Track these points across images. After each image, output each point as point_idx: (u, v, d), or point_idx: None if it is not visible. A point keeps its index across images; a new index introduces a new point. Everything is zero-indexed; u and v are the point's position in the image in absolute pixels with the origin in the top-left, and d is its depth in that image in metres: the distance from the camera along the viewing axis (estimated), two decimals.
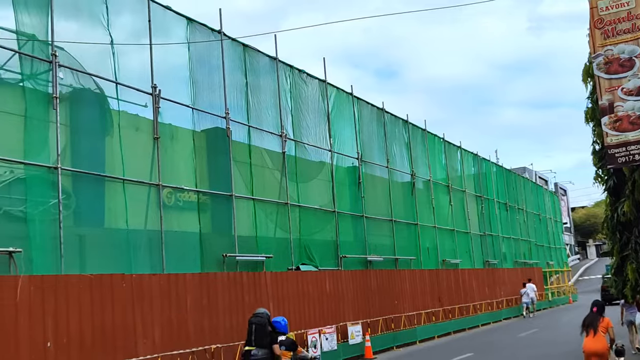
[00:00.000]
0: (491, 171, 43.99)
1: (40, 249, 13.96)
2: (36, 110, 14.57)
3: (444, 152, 36.69)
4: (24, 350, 12.08)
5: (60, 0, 15.13)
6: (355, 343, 22.23)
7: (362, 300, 24.28)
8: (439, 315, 29.49)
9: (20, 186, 14.19)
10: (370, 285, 25.17)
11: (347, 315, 22.90)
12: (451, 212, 35.82)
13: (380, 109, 29.99)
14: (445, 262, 33.77)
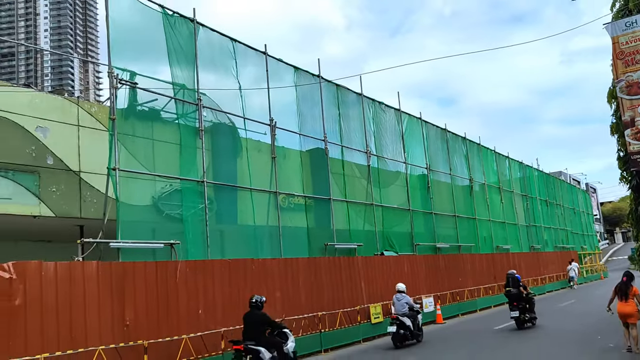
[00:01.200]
0: (534, 175, 42.57)
1: (193, 241, 14.34)
2: (187, 140, 15.07)
3: (495, 161, 35.71)
4: (183, 315, 12.58)
5: (202, 58, 15.63)
6: (429, 311, 21.92)
7: (433, 277, 23.92)
8: (494, 289, 28.65)
9: (177, 195, 14.64)
10: (439, 266, 24.77)
11: (421, 289, 22.62)
12: (502, 208, 34.76)
13: (443, 129, 29.54)
14: (499, 247, 32.80)
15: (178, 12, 15.11)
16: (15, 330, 9.46)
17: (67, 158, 14.49)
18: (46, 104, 14.51)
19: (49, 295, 10.09)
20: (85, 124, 15.14)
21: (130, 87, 13.73)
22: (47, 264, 10.22)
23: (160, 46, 14.72)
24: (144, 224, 13.64)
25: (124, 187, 12.92)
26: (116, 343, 10.92)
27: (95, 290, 10.90)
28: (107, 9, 13.23)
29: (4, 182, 13.12)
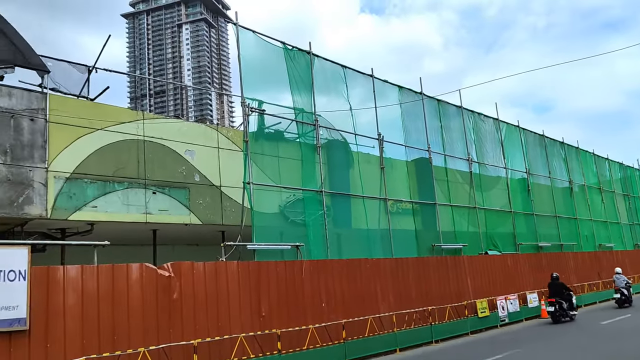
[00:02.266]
0: (635, 175, 38.80)
1: (314, 243, 14.67)
2: (307, 155, 15.49)
3: (594, 163, 33.00)
4: (309, 308, 12.87)
5: (317, 84, 16.01)
6: (533, 306, 20.71)
7: (537, 275, 22.52)
8: (598, 286, 26.44)
9: (300, 204, 15.09)
10: (542, 264, 23.29)
11: (525, 286, 21.41)
12: (603, 207, 32.02)
13: (541, 135, 27.87)
14: (601, 246, 30.25)
15: (296, 46, 15.68)
16: (175, 319, 10.18)
17: (210, 175, 15.41)
18: (192, 131, 15.54)
19: (200, 290, 10.75)
20: (223, 146, 16.01)
21: (259, 113, 14.42)
22: (197, 264, 10.91)
23: (282, 76, 15.34)
24: (273, 229, 14.18)
25: (257, 198, 13.55)
26: (254, 331, 11.40)
27: (236, 286, 11.46)
28: (239, 48, 14.02)
29: (162, 197, 14.21)
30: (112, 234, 13.85)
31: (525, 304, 20.43)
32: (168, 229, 15.18)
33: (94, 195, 12.91)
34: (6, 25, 12.05)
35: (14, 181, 11.64)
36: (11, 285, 8.27)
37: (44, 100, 12.51)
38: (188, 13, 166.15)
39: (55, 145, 12.45)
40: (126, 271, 9.76)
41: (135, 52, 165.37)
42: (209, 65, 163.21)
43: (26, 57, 12.28)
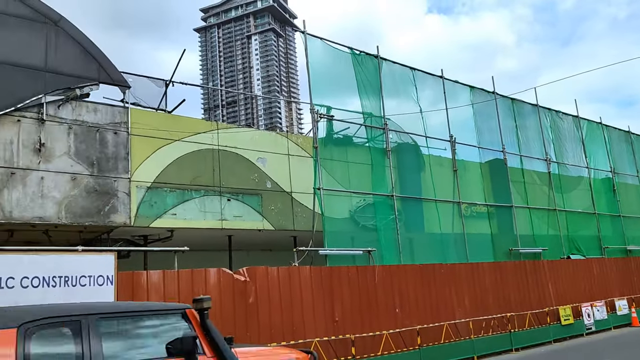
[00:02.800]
0: None
1: (386, 248, 14.58)
2: (377, 159, 15.46)
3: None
4: (382, 313, 12.78)
5: (386, 87, 15.97)
6: (623, 314, 19.39)
7: (626, 280, 21.13)
8: None
9: (370, 208, 15.07)
10: (631, 269, 21.80)
11: (612, 292, 20.12)
12: None
13: (627, 132, 26.14)
14: None
15: (364, 51, 15.71)
16: (251, 323, 10.43)
17: (281, 182, 15.70)
18: (263, 139, 15.92)
19: (274, 294, 10.96)
20: (293, 152, 16.27)
21: (327, 119, 14.53)
22: (271, 268, 11.13)
23: (350, 81, 15.40)
24: (344, 234, 14.24)
25: (327, 203, 13.65)
26: (328, 336, 11.45)
27: (309, 291, 11.58)
28: (307, 56, 14.23)
29: (236, 204, 14.64)
30: (190, 240, 14.42)
31: (613, 311, 19.19)
32: (242, 235, 15.60)
33: (173, 203, 13.51)
34: (92, 46, 12.91)
35: (100, 191, 12.41)
36: (100, 289, 8.79)
37: (126, 114, 13.26)
38: (257, 24, 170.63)
39: (137, 156, 13.16)
40: (204, 276, 10.12)
41: (207, 64, 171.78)
42: (277, 74, 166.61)
43: (109, 75, 13.08)
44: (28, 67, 11.91)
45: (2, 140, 11.40)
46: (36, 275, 8.28)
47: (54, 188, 11.81)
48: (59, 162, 12.00)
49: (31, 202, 11.48)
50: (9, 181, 11.29)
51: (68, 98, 12.36)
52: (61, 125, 12.21)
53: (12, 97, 11.59)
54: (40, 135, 11.87)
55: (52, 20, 12.47)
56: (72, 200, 12.01)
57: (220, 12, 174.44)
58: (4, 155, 11.37)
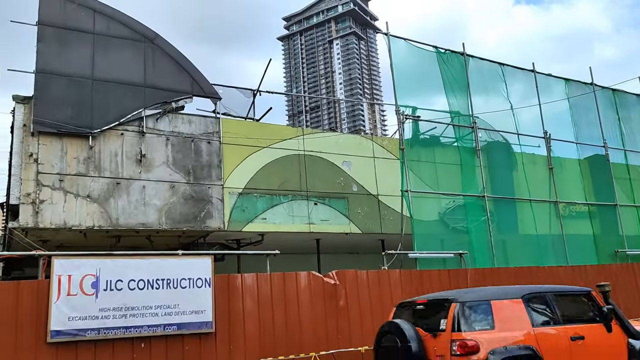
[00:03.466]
0: None
1: (478, 251, 14.12)
2: (466, 159, 15.01)
3: None
4: None
5: (474, 85, 15.47)
6: None
7: None
8: None
9: (460, 210, 14.66)
10: None
11: None
12: None
13: None
14: None
15: (449, 49, 15.36)
16: (342, 326, 10.50)
17: (367, 185, 15.71)
18: (348, 143, 16.01)
19: (364, 298, 10.96)
20: (379, 155, 16.23)
21: (413, 120, 14.35)
22: (360, 272, 11.15)
23: (435, 80, 15.11)
24: (434, 237, 13.97)
25: (415, 205, 13.46)
26: None
27: (400, 294, 11.46)
28: (391, 57, 14.16)
29: (323, 208, 14.83)
30: (279, 244, 14.77)
31: None
32: (330, 238, 15.76)
33: (263, 208, 13.95)
34: (185, 61, 13.67)
35: (196, 198, 13.08)
36: (198, 291, 9.26)
37: (217, 124, 13.90)
38: (338, 29, 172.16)
39: (229, 164, 13.74)
40: (295, 279, 10.33)
41: (291, 71, 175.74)
42: (359, 77, 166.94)
43: (202, 87, 13.78)
44: (129, 84, 12.83)
45: (108, 152, 12.35)
46: (141, 278, 8.87)
47: (155, 196, 12.60)
48: (158, 171, 12.80)
49: (135, 209, 12.33)
50: (115, 190, 12.21)
51: (165, 111, 13.16)
52: (159, 136, 13.02)
53: (116, 112, 12.54)
54: (141, 147, 12.72)
55: (148, 39, 13.34)
56: (171, 207, 12.75)
57: (302, 19, 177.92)
58: (110, 166, 12.31)
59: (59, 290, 8.22)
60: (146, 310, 8.75)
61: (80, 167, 11.99)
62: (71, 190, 11.76)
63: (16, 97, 11.93)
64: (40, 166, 11.56)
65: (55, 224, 11.46)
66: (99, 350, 8.33)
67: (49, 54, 12.10)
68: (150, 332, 8.69)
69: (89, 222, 11.79)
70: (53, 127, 11.74)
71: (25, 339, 7.92)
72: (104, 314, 8.44)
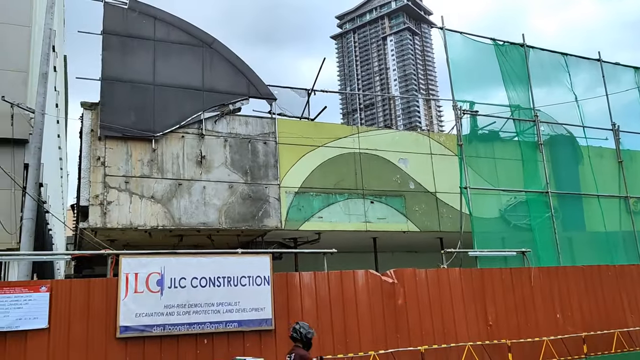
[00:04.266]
0: None
1: (543, 249, 13.68)
2: (527, 154, 14.58)
3: None
4: (541, 319, 11.94)
5: (535, 77, 15.00)
6: None
7: None
8: None
9: (522, 206, 14.26)
10: None
11: None
12: None
13: None
14: None
15: (508, 40, 14.90)
16: (401, 325, 10.41)
17: (424, 182, 15.48)
18: (404, 140, 15.83)
19: (423, 297, 10.82)
20: (436, 151, 15.96)
21: (471, 115, 14.02)
22: (419, 271, 11.00)
23: (493, 74, 14.73)
24: (494, 234, 13.62)
25: (474, 202, 13.16)
26: (482, 340, 11.01)
27: (460, 293, 11.24)
28: (447, 52, 13.91)
29: (380, 206, 14.75)
30: (336, 242, 14.83)
31: None
32: (387, 236, 15.65)
33: (319, 207, 14.02)
34: (241, 64, 13.95)
35: (254, 197, 13.33)
36: (258, 289, 9.43)
37: (273, 124, 14.10)
38: (391, 25, 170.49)
39: (285, 163, 13.91)
40: (353, 277, 10.33)
41: (344, 69, 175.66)
42: (414, 73, 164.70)
43: (258, 89, 14.02)
44: (189, 88, 13.24)
45: (170, 154, 12.79)
46: (203, 276, 9.13)
47: (214, 196, 12.94)
48: (217, 172, 13.14)
49: (196, 209, 12.71)
50: (177, 191, 12.63)
51: (223, 113, 13.48)
52: (218, 138, 13.35)
53: (177, 115, 12.96)
54: (200, 149, 13.10)
55: (206, 43, 13.71)
56: (230, 206, 13.05)
57: (355, 17, 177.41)
58: (172, 168, 12.74)
59: (126, 288, 8.59)
60: (208, 307, 9.00)
61: (144, 169, 12.48)
62: (136, 191, 12.27)
63: (84, 104, 12.56)
64: (107, 169, 12.12)
65: (122, 224, 11.99)
66: (165, 346, 8.64)
67: (114, 62, 12.66)
68: (213, 328, 8.93)
69: (153, 222, 12.26)
70: (118, 131, 12.28)
71: (96, 334, 8.32)
72: (169, 311, 8.75)
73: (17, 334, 7.81)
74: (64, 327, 8.12)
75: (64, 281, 8.71)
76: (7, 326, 7.75)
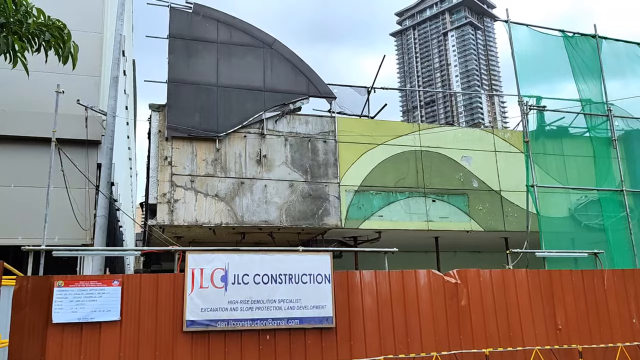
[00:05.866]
0: None
1: (616, 250, 12.98)
2: (600, 151, 13.85)
3: None
4: (614, 323, 11.33)
5: (608, 69, 14.24)
6: None
7: None
8: None
9: (594, 205, 13.59)
10: None
11: None
12: None
13: None
14: None
15: (578, 32, 14.21)
16: (464, 326, 10.17)
17: (488, 180, 15.05)
18: (467, 137, 15.46)
19: (487, 297, 10.52)
20: (500, 149, 15.48)
21: (538, 110, 13.50)
22: (483, 271, 10.71)
23: (562, 67, 14.10)
24: (563, 234, 13.07)
25: (542, 201, 12.66)
26: (550, 345, 10.57)
27: (526, 295, 10.84)
28: (512, 45, 13.45)
29: (442, 205, 14.47)
30: (396, 241, 14.69)
31: None
32: (449, 236, 15.35)
33: (379, 206, 13.94)
34: (301, 63, 14.08)
35: (314, 196, 13.42)
36: (319, 287, 9.49)
37: (333, 123, 14.14)
38: (452, 20, 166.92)
39: (344, 162, 13.91)
40: (414, 277, 10.19)
41: (404, 66, 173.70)
42: (476, 68, 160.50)
43: (317, 88, 14.10)
44: (250, 89, 13.51)
45: (232, 154, 13.11)
46: (265, 273, 9.29)
47: (275, 194, 13.14)
48: (278, 170, 13.33)
49: (257, 207, 12.95)
50: (239, 190, 12.92)
51: (283, 113, 13.66)
52: (279, 137, 13.55)
53: (239, 115, 13.26)
54: (261, 148, 13.33)
55: (267, 44, 13.93)
56: (291, 204, 13.21)
57: (415, 13, 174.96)
58: (234, 167, 13.05)
59: (192, 283, 8.87)
60: (270, 303, 9.15)
61: (208, 168, 12.85)
62: (201, 190, 12.65)
63: (152, 106, 13.09)
64: (173, 168, 12.58)
65: (188, 221, 12.40)
66: (229, 340, 8.87)
67: (179, 64, 13.11)
68: (275, 324, 9.07)
69: (217, 219, 12.61)
70: (184, 132, 12.71)
71: (164, 327, 8.66)
72: (233, 306, 8.97)
73: (91, 325, 8.24)
74: (134, 320, 8.50)
75: (134, 276, 9.11)
76: (83, 318, 8.19)
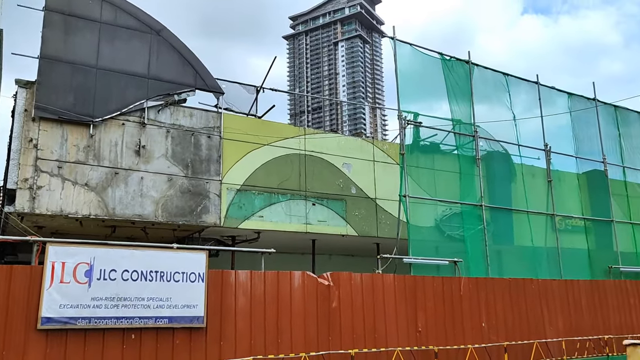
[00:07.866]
0: None
1: (473, 259, 14.11)
2: (465, 168, 15.01)
3: None
4: (467, 327, 12.36)
5: (477, 94, 15.48)
6: None
7: None
8: None
9: (457, 218, 14.64)
10: None
11: None
12: None
13: None
14: None
15: (454, 56, 15.37)
16: (334, 327, 10.49)
17: (365, 187, 15.69)
18: (349, 145, 15.99)
19: (357, 300, 10.95)
20: (379, 159, 16.21)
21: (415, 126, 14.36)
22: (354, 274, 11.13)
23: (439, 87, 15.13)
24: (429, 243, 13.95)
25: (412, 211, 13.46)
26: (410, 346, 11.26)
27: (392, 299, 11.46)
28: (396, 62, 14.18)
29: (321, 209, 14.81)
30: (275, 242, 14.75)
31: None
32: (326, 239, 15.73)
33: (260, 206, 13.91)
34: (189, 54, 13.64)
35: (193, 192, 13.04)
36: (191, 285, 9.23)
37: (219, 119, 13.86)
38: (344, 31, 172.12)
39: (228, 159, 13.70)
40: (289, 278, 10.32)
41: (295, 70, 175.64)
42: (362, 80, 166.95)
43: (205, 81, 13.74)
44: (133, 74, 12.80)
45: (108, 141, 12.32)
46: (135, 269, 8.85)
47: (152, 188, 12.57)
48: (157, 163, 12.76)
49: (132, 200, 12.29)
50: (113, 180, 12.17)
51: (167, 103, 13.12)
52: (160, 128, 12.98)
53: (118, 102, 12.50)
54: (141, 138, 12.69)
55: (155, 30, 13.31)
56: (168, 199, 12.71)
57: (309, 19, 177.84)
58: (109, 155, 12.27)
59: (52, 277, 8.18)
60: (138, 301, 8.73)
61: (79, 155, 11.94)
62: (69, 177, 11.72)
63: (19, 81, 11.88)
64: (39, 152, 11.52)
65: (52, 210, 11.42)
66: (89, 339, 8.30)
67: (54, 40, 12.05)
68: (142, 323, 8.66)
69: (85, 210, 11.75)
70: (54, 113, 11.70)
71: (15, 324, 7.88)
72: (96, 303, 8.41)
73: None
74: None
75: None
76: None
